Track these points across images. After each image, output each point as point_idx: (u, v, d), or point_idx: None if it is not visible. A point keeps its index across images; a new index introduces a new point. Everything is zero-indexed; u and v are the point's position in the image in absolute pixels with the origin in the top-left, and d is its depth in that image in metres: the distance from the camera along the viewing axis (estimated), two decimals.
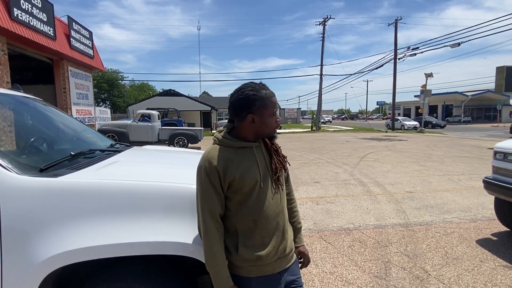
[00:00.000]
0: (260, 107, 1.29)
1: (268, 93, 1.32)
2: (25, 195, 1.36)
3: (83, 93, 12.72)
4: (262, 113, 1.29)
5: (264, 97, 1.30)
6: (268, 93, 1.32)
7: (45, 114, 2.54)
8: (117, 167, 1.81)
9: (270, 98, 1.31)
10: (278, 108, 1.36)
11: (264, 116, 1.30)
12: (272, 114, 1.31)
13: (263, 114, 1.30)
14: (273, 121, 1.32)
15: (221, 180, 1.26)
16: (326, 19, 31.04)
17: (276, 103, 1.33)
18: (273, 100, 1.32)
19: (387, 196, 5.67)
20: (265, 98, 1.30)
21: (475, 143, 15.53)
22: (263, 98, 1.29)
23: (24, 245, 1.33)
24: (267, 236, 1.30)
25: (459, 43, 22.64)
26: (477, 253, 3.32)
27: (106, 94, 54.13)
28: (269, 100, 1.31)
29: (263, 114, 1.30)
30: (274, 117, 1.32)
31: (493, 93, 36.71)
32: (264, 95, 1.30)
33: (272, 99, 1.32)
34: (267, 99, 1.30)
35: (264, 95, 1.30)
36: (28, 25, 8.20)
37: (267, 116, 1.30)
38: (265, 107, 1.29)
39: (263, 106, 1.29)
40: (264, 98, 1.30)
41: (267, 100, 1.30)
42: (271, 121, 1.32)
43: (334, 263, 3.14)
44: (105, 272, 1.46)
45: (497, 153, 3.64)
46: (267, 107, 1.30)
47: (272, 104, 1.31)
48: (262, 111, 1.29)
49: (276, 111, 1.33)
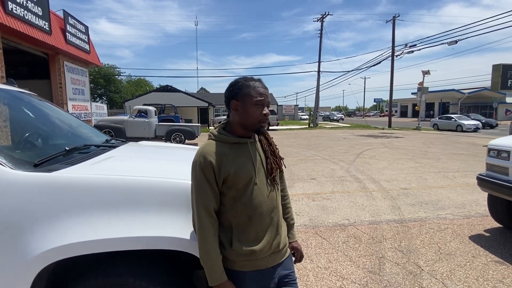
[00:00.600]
0: (244, 94, 1.29)
1: (255, 83, 1.31)
2: (19, 190, 1.36)
3: (79, 88, 12.63)
4: (245, 100, 1.29)
5: (249, 85, 1.30)
6: (255, 83, 1.31)
7: (39, 109, 2.53)
8: (112, 163, 1.81)
9: (256, 87, 1.30)
10: (267, 101, 1.32)
11: (246, 103, 1.29)
12: (255, 102, 1.28)
13: (245, 101, 1.29)
14: (256, 110, 1.29)
15: (216, 176, 1.26)
16: (324, 16, 30.96)
17: (262, 93, 1.30)
18: (258, 90, 1.30)
19: (383, 192, 5.71)
20: (250, 86, 1.30)
21: (471, 140, 15.64)
22: (249, 86, 1.30)
23: (18, 239, 1.33)
24: (261, 231, 1.32)
25: (456, 41, 22.72)
26: (470, 248, 3.36)
27: (103, 90, 53.77)
28: (254, 89, 1.29)
29: (246, 101, 1.29)
30: (258, 107, 1.29)
31: (489, 91, 36.93)
32: (250, 84, 1.30)
33: (258, 89, 1.30)
34: (252, 88, 1.29)
35: (250, 84, 1.30)
36: (23, 19, 8.11)
37: (250, 104, 1.28)
38: (247, 94, 1.29)
39: (246, 93, 1.29)
40: (249, 86, 1.30)
41: (252, 88, 1.29)
42: (254, 110, 1.29)
43: (329, 258, 3.17)
44: (100, 267, 1.47)
45: (491, 150, 3.67)
46: (250, 94, 1.28)
47: (257, 93, 1.29)
48: (244, 98, 1.29)
49: (261, 101, 1.29)
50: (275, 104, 46.47)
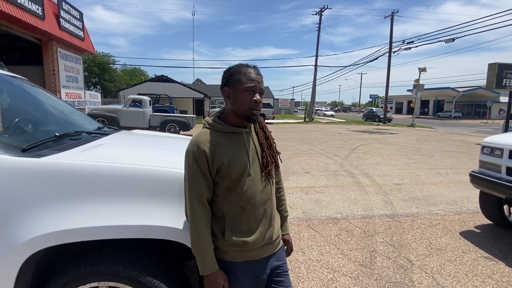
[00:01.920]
0: (235, 80, 1.27)
1: (248, 70, 1.28)
2: (6, 175, 1.32)
3: (73, 76, 12.42)
4: (236, 87, 1.27)
5: (241, 71, 1.27)
6: (248, 70, 1.28)
7: (31, 94, 2.46)
8: (103, 150, 1.77)
9: (247, 73, 1.27)
10: (258, 88, 1.27)
11: (237, 89, 1.27)
12: (245, 89, 1.25)
13: (236, 87, 1.27)
14: (246, 97, 1.26)
15: (209, 165, 1.24)
16: (323, 9, 30.74)
17: (253, 79, 1.26)
18: (249, 76, 1.26)
19: (376, 187, 5.75)
20: (242, 73, 1.27)
21: (464, 138, 15.80)
22: (240, 72, 1.27)
23: (5, 226, 1.29)
24: (254, 222, 1.30)
25: (453, 39, 22.73)
26: (460, 244, 3.40)
27: (97, 78, 53.03)
28: (245, 75, 1.26)
29: (236, 87, 1.27)
30: (248, 94, 1.26)
31: (483, 90, 37.26)
32: (243, 70, 1.28)
33: (249, 75, 1.26)
34: (243, 74, 1.27)
35: (242, 70, 1.28)
36: (15, 3, 7.90)
37: (240, 90, 1.26)
38: (238, 81, 1.27)
39: (237, 79, 1.27)
40: (241, 72, 1.27)
41: (243, 75, 1.26)
42: (244, 96, 1.26)
43: (321, 251, 3.18)
44: (89, 254, 1.44)
45: (485, 147, 3.70)
46: (240, 81, 1.26)
47: (247, 79, 1.26)
48: (235, 85, 1.27)
49: (252, 87, 1.26)
50: (271, 97, 46.31)
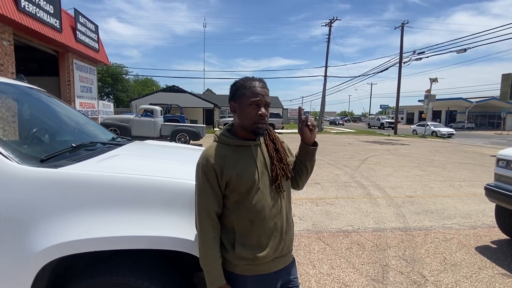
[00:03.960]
0: (240, 94, 1.28)
1: (253, 83, 1.28)
2: (25, 185, 1.37)
3: (87, 86, 12.75)
4: (241, 101, 1.28)
5: (246, 85, 1.28)
6: (253, 83, 1.28)
7: (48, 105, 2.55)
8: (118, 160, 1.81)
9: (252, 87, 1.27)
10: (263, 101, 1.25)
11: (242, 104, 1.27)
12: (250, 103, 1.25)
13: (241, 101, 1.28)
14: (251, 111, 1.25)
15: (218, 178, 1.25)
16: (333, 21, 30.96)
17: (257, 93, 1.26)
18: (254, 90, 1.26)
19: (387, 199, 5.65)
20: (246, 87, 1.28)
21: (478, 149, 15.46)
22: (245, 86, 1.28)
23: (23, 235, 1.33)
24: (264, 236, 1.29)
25: (465, 49, 22.52)
26: (476, 260, 3.30)
27: (110, 88, 54.23)
28: (250, 89, 1.27)
29: (242, 101, 1.27)
30: (253, 108, 1.26)
31: (497, 101, 36.46)
32: (248, 84, 1.28)
33: (254, 89, 1.26)
34: (248, 88, 1.27)
35: (248, 84, 1.28)
36: (35, 17, 8.22)
37: (245, 104, 1.26)
38: (243, 95, 1.27)
39: (242, 93, 1.28)
40: (245, 87, 1.28)
41: (248, 89, 1.27)
42: (249, 110, 1.26)
43: (332, 264, 3.13)
44: (102, 264, 1.46)
45: (500, 160, 3.61)
46: (245, 95, 1.27)
47: (251, 93, 1.26)
48: (241, 99, 1.28)
49: (256, 101, 1.25)
50: (280, 107, 46.49)
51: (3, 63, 7.38)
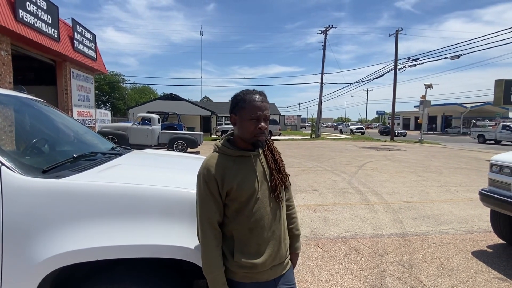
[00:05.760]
0: (241, 108, 1.31)
1: (253, 97, 1.30)
2: (27, 195, 1.39)
3: (85, 95, 12.78)
4: (241, 115, 1.31)
5: (246, 99, 1.31)
6: (253, 97, 1.30)
7: (47, 116, 2.58)
8: (119, 170, 1.84)
9: (252, 101, 1.29)
10: (263, 115, 1.31)
11: (242, 117, 1.30)
12: (250, 117, 1.28)
13: (242, 115, 1.30)
14: (251, 125, 1.28)
15: (219, 188, 1.28)
16: (328, 28, 31.33)
17: (258, 108, 1.28)
18: (255, 104, 1.28)
19: (384, 205, 5.69)
20: (247, 100, 1.30)
21: (474, 154, 15.58)
22: (245, 100, 1.31)
23: (25, 245, 1.35)
24: (263, 244, 1.32)
25: (458, 55, 22.85)
26: (472, 264, 3.33)
27: (107, 96, 54.24)
28: (250, 103, 1.29)
29: (242, 115, 1.30)
30: (253, 122, 1.28)
31: (492, 106, 36.88)
32: (248, 98, 1.31)
33: (255, 103, 1.29)
34: (248, 102, 1.30)
35: (248, 98, 1.31)
36: (33, 27, 8.28)
37: (245, 118, 1.29)
38: (243, 108, 1.30)
39: (242, 107, 1.31)
40: (245, 100, 1.30)
41: (248, 103, 1.30)
42: (249, 124, 1.29)
43: (330, 271, 3.15)
44: (103, 274, 1.48)
45: (494, 165, 3.67)
46: (245, 109, 1.30)
47: (251, 107, 1.28)
48: (241, 112, 1.31)
49: (256, 116, 1.28)
50: (277, 114, 46.67)
51: (1, 73, 7.40)
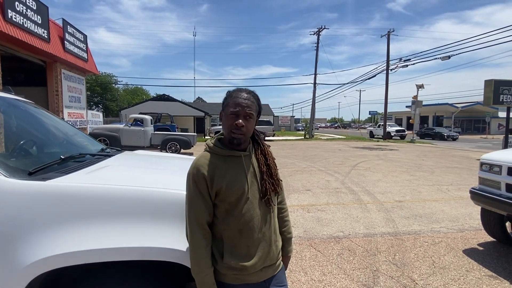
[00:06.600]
0: (225, 105, 1.32)
1: (239, 94, 1.30)
2: (13, 198, 1.36)
3: (76, 96, 12.62)
4: (225, 111, 1.32)
5: (232, 95, 1.31)
6: (239, 94, 1.30)
7: (35, 117, 2.53)
8: (107, 172, 1.81)
9: (235, 97, 1.29)
10: (243, 112, 1.28)
11: (225, 113, 1.31)
12: (230, 113, 1.28)
13: (225, 112, 1.31)
14: (229, 120, 1.28)
15: (209, 188, 1.26)
16: (321, 29, 31.51)
17: (239, 104, 1.27)
18: (236, 100, 1.28)
19: (377, 205, 5.73)
20: (232, 97, 1.30)
21: (465, 154, 15.80)
22: (231, 96, 1.31)
23: (11, 248, 1.31)
24: (253, 246, 1.30)
25: (449, 56, 23.17)
26: (464, 262, 3.37)
27: (99, 98, 53.72)
28: (232, 99, 1.29)
29: (225, 112, 1.31)
30: (232, 117, 1.27)
31: (482, 106, 37.46)
32: (234, 94, 1.31)
33: (237, 99, 1.28)
34: (231, 98, 1.30)
35: (234, 94, 1.31)
36: (22, 27, 8.15)
37: (226, 114, 1.30)
38: (227, 105, 1.31)
39: (226, 104, 1.31)
40: (231, 96, 1.31)
41: (231, 99, 1.30)
42: (229, 120, 1.28)
43: (323, 271, 3.15)
44: (92, 277, 1.45)
45: (483, 164, 3.72)
46: (228, 105, 1.30)
47: (233, 103, 1.28)
48: (224, 109, 1.32)
49: (235, 112, 1.27)
50: (271, 115, 46.77)
51: None
